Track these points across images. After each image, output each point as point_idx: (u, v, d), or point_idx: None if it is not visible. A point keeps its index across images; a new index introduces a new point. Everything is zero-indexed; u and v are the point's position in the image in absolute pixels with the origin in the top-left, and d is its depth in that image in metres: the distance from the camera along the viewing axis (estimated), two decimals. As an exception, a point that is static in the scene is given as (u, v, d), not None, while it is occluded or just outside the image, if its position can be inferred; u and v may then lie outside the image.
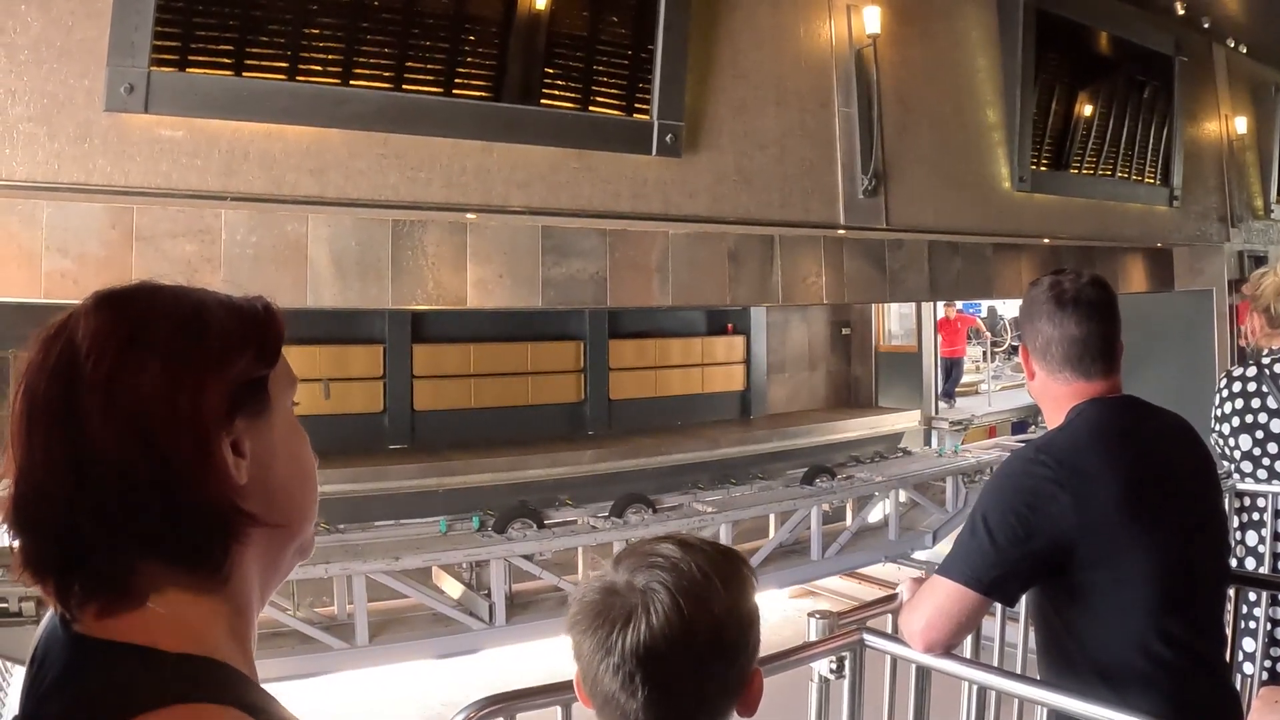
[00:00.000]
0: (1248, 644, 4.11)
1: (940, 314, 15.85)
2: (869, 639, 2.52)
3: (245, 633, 1.07)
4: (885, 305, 15.05)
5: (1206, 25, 10.00)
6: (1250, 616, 4.12)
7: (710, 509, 10.82)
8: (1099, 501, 2.27)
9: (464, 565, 9.52)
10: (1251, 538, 4.31)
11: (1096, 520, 2.27)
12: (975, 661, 2.43)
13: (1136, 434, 2.45)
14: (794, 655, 2.44)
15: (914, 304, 14.34)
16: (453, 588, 9.56)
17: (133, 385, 0.97)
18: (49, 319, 1.04)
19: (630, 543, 1.58)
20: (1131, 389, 2.52)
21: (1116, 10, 8.91)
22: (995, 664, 3.12)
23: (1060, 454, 2.34)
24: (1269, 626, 3.98)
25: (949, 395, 16.28)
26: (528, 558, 9.33)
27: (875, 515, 12.14)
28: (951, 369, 16.41)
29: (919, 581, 2.54)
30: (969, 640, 2.95)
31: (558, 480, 11.41)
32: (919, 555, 12.27)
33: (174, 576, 1.00)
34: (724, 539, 10.12)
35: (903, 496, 12.36)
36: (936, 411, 15.18)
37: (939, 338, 15.59)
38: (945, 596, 2.34)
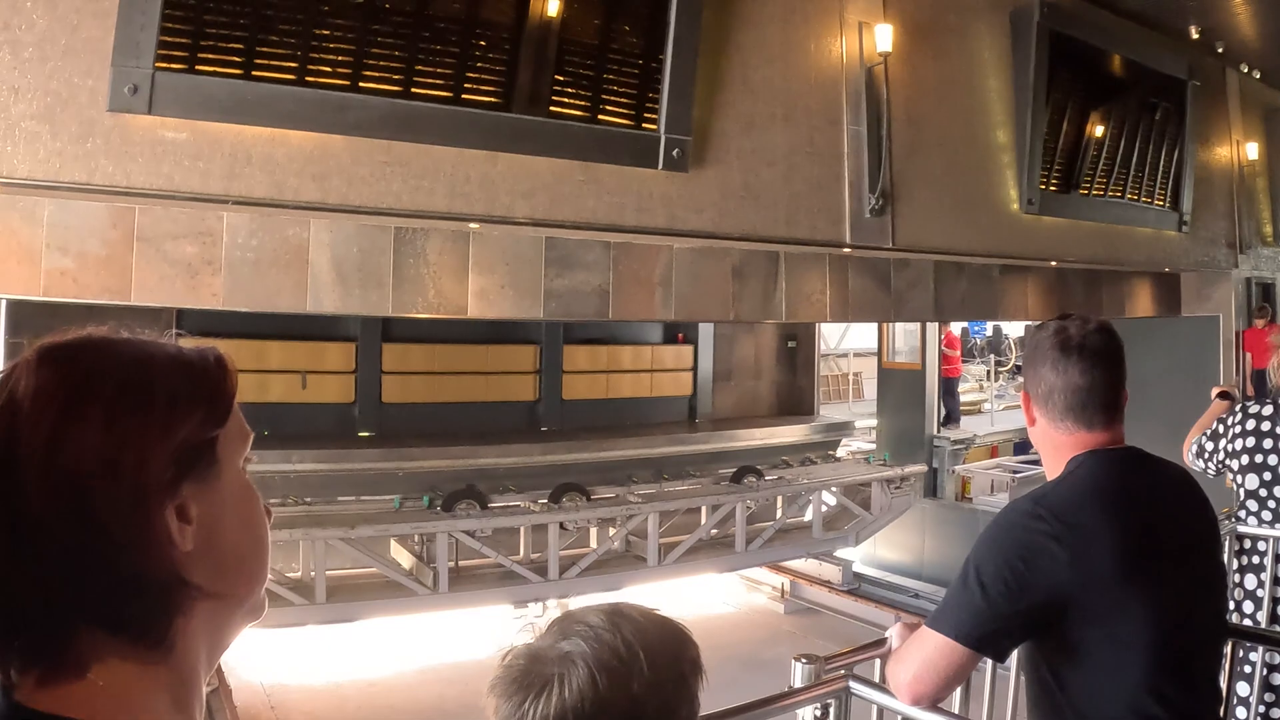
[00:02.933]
0: (1242, 688, 4.05)
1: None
2: (855, 687, 2.46)
3: (190, 702, 1.02)
4: (890, 324, 15.13)
5: (1220, 50, 9.96)
6: (1245, 661, 4.06)
7: (639, 499, 12.18)
8: (1096, 558, 2.21)
9: (416, 539, 10.87)
10: (1250, 581, 4.24)
11: (1093, 577, 2.20)
12: (961, 718, 2.37)
13: (1137, 488, 2.39)
14: (778, 702, 2.38)
15: (919, 323, 14.45)
16: (405, 559, 10.94)
17: (73, 450, 0.93)
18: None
19: (566, 612, 1.49)
20: (1135, 416, 2.47)
21: (1130, 33, 8.88)
22: (985, 708, 3.06)
23: (1058, 508, 2.28)
24: (1264, 673, 3.91)
25: (952, 419, 16.18)
26: (469, 533, 10.59)
27: (809, 514, 13.50)
28: (948, 389, 16.26)
29: (910, 628, 2.48)
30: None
31: (508, 469, 12.68)
32: (840, 553, 14.04)
33: (116, 647, 0.95)
34: (652, 529, 11.72)
35: (832, 500, 13.68)
36: (938, 430, 15.13)
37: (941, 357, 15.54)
38: (934, 649, 2.27)
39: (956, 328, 17.57)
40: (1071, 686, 2.28)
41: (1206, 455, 4.44)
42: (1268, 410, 4.19)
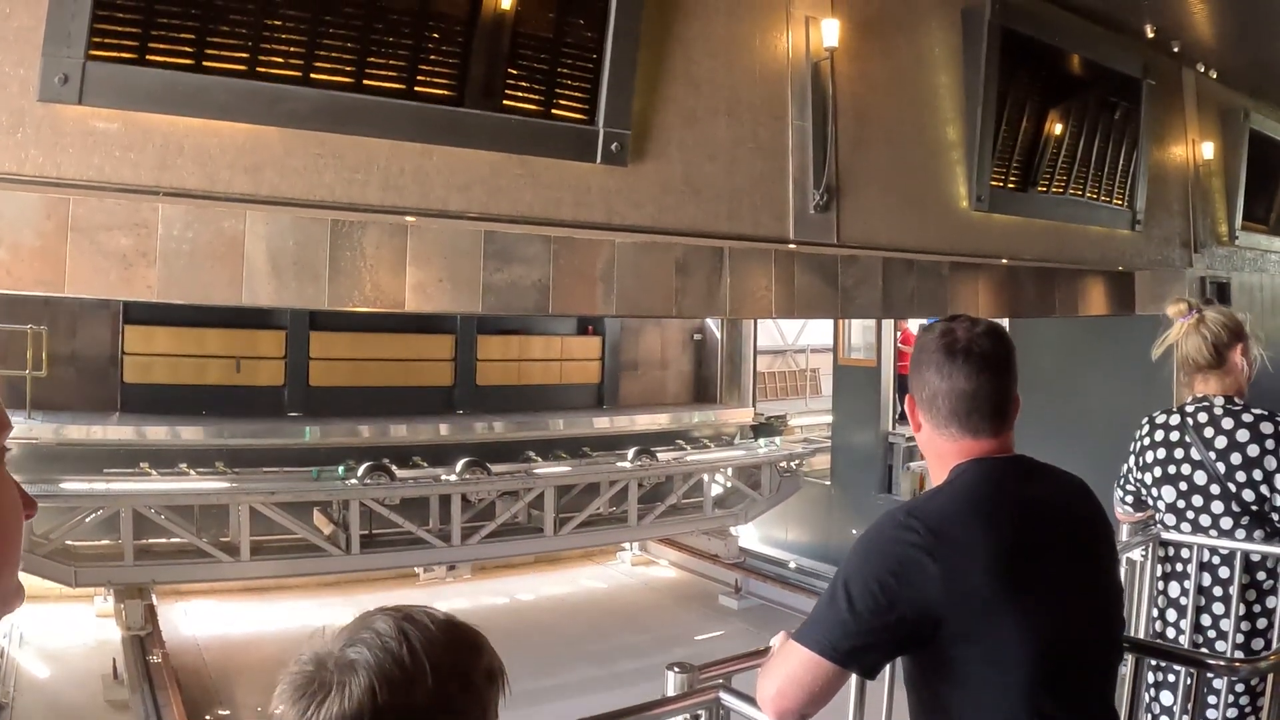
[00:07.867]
0: (1165, 697, 4.04)
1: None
2: (726, 699, 2.39)
3: None
4: (846, 321, 15.22)
5: (1176, 49, 9.95)
6: (1169, 670, 4.05)
7: (536, 474, 13.70)
8: (970, 572, 2.15)
9: (335, 507, 12.31)
10: (1174, 589, 4.21)
11: (966, 592, 2.14)
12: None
13: (1019, 498, 2.31)
14: (646, 711, 2.32)
15: (874, 320, 14.56)
16: (326, 527, 12.31)
17: None
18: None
19: (367, 610, 1.46)
20: (1088, 415, 2.42)
21: (1084, 31, 8.86)
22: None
23: (931, 519, 2.21)
24: (1188, 681, 3.86)
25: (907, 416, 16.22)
26: (379, 501, 12.19)
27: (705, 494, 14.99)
28: (903, 386, 16.30)
29: None
30: (853, 694, 2.86)
31: (423, 445, 14.35)
32: (734, 529, 15.48)
33: None
34: (549, 502, 13.13)
35: (728, 482, 15.22)
36: (893, 427, 15.16)
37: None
38: (799, 664, 2.20)
39: (914, 325, 17.66)
40: (952, 706, 2.23)
41: (1121, 481, 4.45)
42: (1175, 420, 4.17)
